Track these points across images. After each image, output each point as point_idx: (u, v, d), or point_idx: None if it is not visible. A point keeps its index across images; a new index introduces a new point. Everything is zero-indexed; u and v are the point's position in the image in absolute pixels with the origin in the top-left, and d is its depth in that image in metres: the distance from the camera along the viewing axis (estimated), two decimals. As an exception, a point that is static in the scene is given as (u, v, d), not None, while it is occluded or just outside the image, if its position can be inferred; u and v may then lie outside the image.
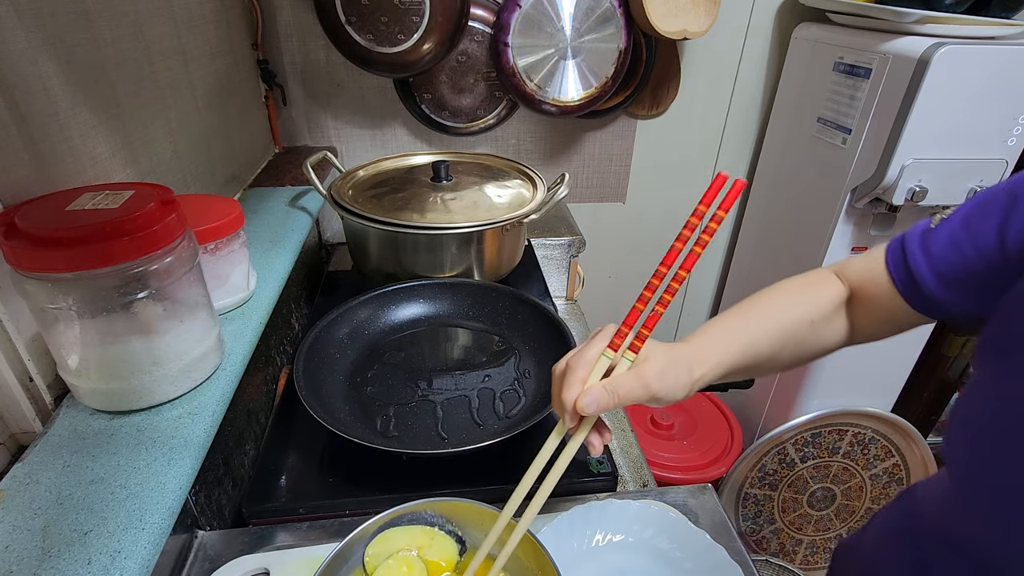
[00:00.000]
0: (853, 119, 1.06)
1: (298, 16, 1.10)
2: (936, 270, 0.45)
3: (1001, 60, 0.92)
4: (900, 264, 0.48)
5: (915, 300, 0.47)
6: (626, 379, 0.42)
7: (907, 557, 0.52)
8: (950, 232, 0.45)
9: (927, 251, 0.46)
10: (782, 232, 1.32)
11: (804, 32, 1.21)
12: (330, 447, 0.63)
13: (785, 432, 1.31)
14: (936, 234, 0.46)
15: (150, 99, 0.69)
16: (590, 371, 0.43)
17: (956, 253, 0.44)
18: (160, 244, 0.46)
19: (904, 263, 0.47)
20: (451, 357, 0.76)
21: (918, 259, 0.46)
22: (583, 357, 0.44)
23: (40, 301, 0.44)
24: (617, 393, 0.42)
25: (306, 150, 1.21)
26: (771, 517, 1.43)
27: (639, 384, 0.42)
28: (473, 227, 0.80)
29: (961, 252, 0.44)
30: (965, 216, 0.45)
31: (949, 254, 0.45)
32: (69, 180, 0.53)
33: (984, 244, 0.42)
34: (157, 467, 0.45)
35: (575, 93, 1.15)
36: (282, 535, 0.53)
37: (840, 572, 0.63)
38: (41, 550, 0.39)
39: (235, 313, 0.65)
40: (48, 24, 0.52)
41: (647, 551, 0.53)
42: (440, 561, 0.46)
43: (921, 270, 0.46)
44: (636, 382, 0.42)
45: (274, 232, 0.83)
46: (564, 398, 0.43)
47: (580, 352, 0.44)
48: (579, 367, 0.43)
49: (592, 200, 1.41)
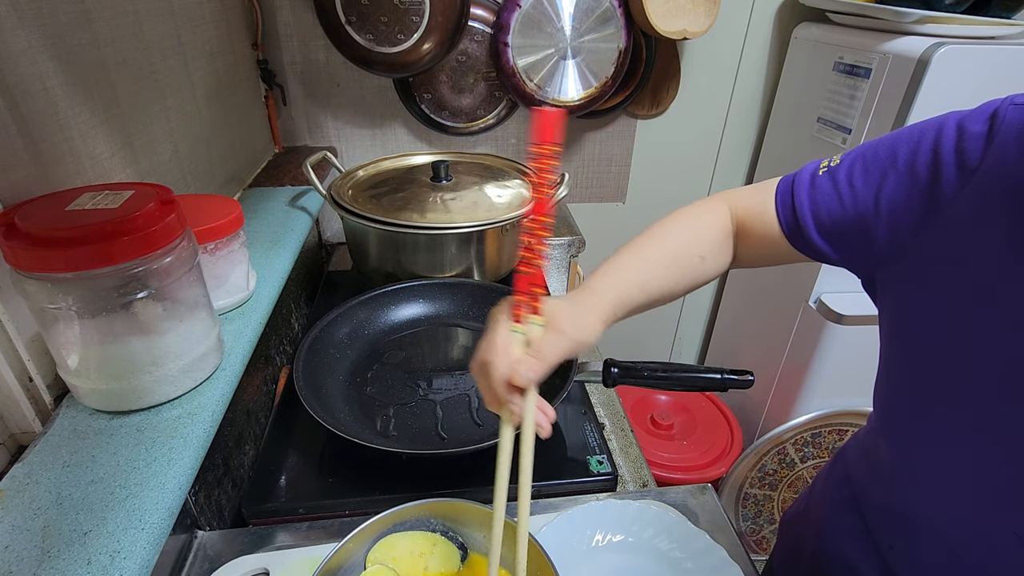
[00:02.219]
0: (853, 119, 1.06)
1: (298, 16, 1.10)
2: (819, 217, 0.46)
3: (1001, 60, 0.92)
4: (788, 207, 0.48)
5: (798, 242, 0.48)
6: (546, 339, 0.42)
7: (852, 525, 0.53)
8: (834, 182, 0.46)
9: (813, 198, 0.47)
10: (782, 232, 1.32)
11: (804, 32, 1.21)
12: (330, 447, 0.63)
13: (785, 432, 1.30)
14: (822, 182, 0.46)
15: (150, 99, 0.69)
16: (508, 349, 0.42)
17: (838, 203, 0.45)
18: (160, 244, 0.46)
19: (792, 207, 0.48)
20: (451, 357, 0.76)
21: (803, 204, 0.47)
22: (494, 341, 0.42)
23: (40, 301, 0.44)
24: (543, 354, 0.42)
25: (306, 150, 1.21)
26: (771, 517, 1.43)
27: (560, 339, 0.42)
28: (473, 227, 0.80)
29: (842, 203, 0.45)
30: (849, 167, 0.45)
31: (832, 203, 0.45)
32: (69, 180, 0.53)
33: (862, 198, 0.43)
34: (157, 467, 0.45)
35: (575, 93, 1.15)
36: (282, 535, 0.53)
37: (789, 544, 0.65)
38: (41, 550, 0.39)
39: (235, 313, 0.65)
40: (48, 24, 0.52)
41: (647, 551, 0.53)
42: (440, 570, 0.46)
43: (805, 215, 0.47)
44: (556, 338, 0.42)
45: (274, 232, 0.83)
46: (495, 383, 0.41)
47: (488, 339, 0.43)
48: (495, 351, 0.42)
49: (592, 200, 1.41)
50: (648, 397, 1.52)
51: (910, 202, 0.41)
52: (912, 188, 0.40)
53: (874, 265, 0.45)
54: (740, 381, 0.61)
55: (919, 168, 0.40)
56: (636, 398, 1.51)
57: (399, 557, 0.46)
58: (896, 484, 0.48)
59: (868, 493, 0.52)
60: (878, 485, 0.51)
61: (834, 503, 0.57)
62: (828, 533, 0.57)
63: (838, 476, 0.58)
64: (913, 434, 0.44)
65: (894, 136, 0.44)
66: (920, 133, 0.41)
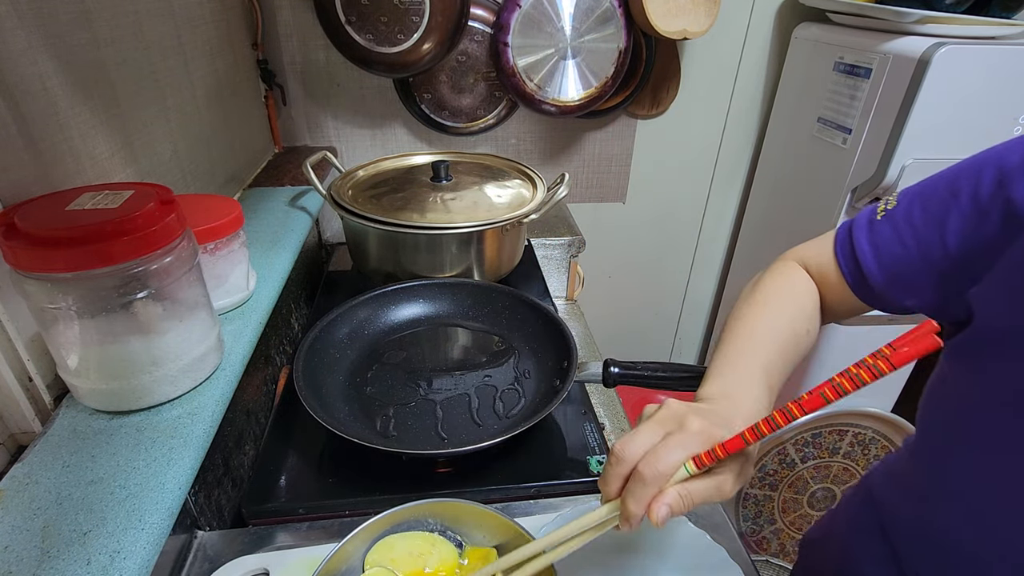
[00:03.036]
0: (853, 119, 1.06)
1: (298, 16, 1.10)
2: (881, 262, 0.44)
3: (1001, 60, 0.92)
4: (849, 258, 0.47)
5: (862, 291, 0.47)
6: (704, 488, 0.37)
7: (877, 550, 0.52)
8: (894, 225, 0.44)
9: (874, 244, 0.45)
10: (782, 232, 1.32)
11: (804, 32, 1.21)
12: (330, 447, 0.63)
13: (785, 432, 1.30)
14: (881, 227, 0.45)
15: (150, 99, 0.69)
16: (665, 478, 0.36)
17: (900, 247, 0.43)
18: (160, 244, 0.46)
19: (853, 258, 0.46)
20: (451, 357, 0.76)
21: (866, 253, 0.45)
22: (657, 469, 0.36)
23: (40, 301, 0.44)
24: (692, 500, 0.36)
25: (306, 150, 1.21)
26: (771, 517, 1.43)
27: (715, 493, 0.37)
28: (473, 227, 0.80)
29: (904, 246, 0.43)
30: (907, 208, 0.44)
31: (894, 248, 0.44)
32: (69, 180, 0.53)
33: (925, 239, 0.42)
34: (156, 467, 0.45)
35: (575, 93, 1.15)
36: (282, 535, 0.53)
37: (809, 566, 0.63)
38: (40, 550, 0.39)
39: (235, 313, 0.65)
40: (48, 24, 0.52)
41: (647, 551, 0.53)
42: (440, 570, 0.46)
43: (869, 265, 0.45)
44: (714, 492, 0.37)
45: (274, 232, 0.83)
46: (630, 505, 0.36)
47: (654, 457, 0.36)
48: (652, 480, 0.36)
49: (592, 200, 1.41)
50: (648, 397, 1.52)
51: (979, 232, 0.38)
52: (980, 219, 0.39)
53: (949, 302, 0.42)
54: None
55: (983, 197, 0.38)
56: (636, 398, 1.51)
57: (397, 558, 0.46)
58: (930, 509, 0.46)
59: (897, 519, 0.50)
60: (909, 511, 0.49)
61: (859, 528, 0.55)
62: (851, 557, 0.55)
63: (864, 500, 0.56)
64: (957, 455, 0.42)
65: (954, 169, 0.42)
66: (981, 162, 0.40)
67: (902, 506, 0.50)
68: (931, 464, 0.46)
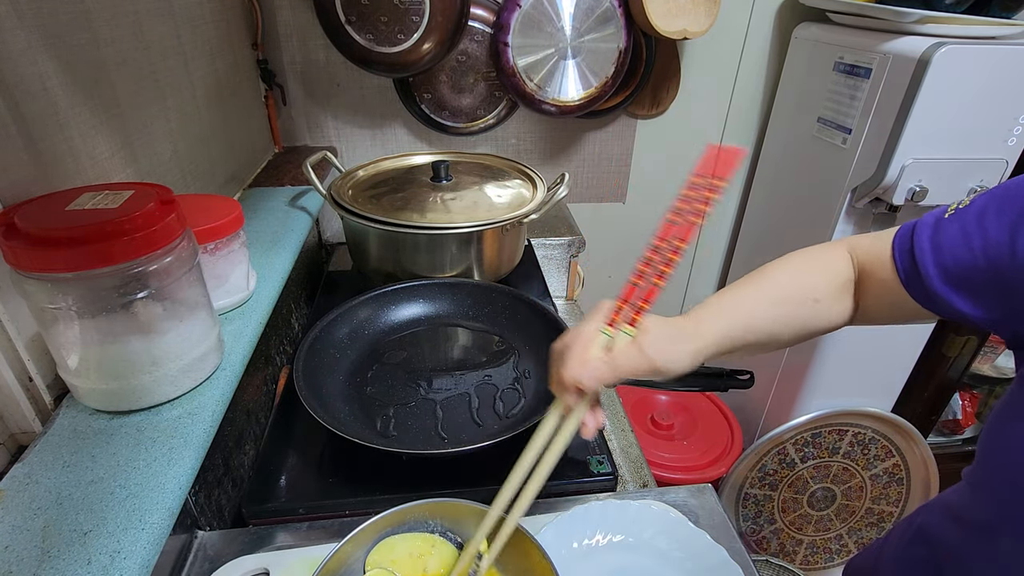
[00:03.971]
0: (853, 119, 1.06)
1: (298, 16, 1.10)
2: (942, 264, 0.42)
3: (1001, 60, 0.92)
4: (906, 253, 0.45)
5: (917, 292, 0.45)
6: (626, 351, 0.41)
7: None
8: (963, 225, 0.42)
9: (936, 243, 0.43)
10: (782, 232, 1.32)
11: (804, 32, 1.21)
12: (330, 447, 0.63)
13: (785, 432, 1.30)
14: (948, 225, 0.43)
15: (150, 99, 0.69)
16: (588, 347, 0.43)
17: (965, 248, 0.41)
18: (160, 244, 0.46)
19: (910, 252, 0.44)
20: (451, 357, 0.76)
21: (925, 250, 0.43)
22: (580, 333, 0.43)
23: (40, 301, 0.44)
24: (616, 365, 0.41)
25: (306, 150, 1.21)
26: (771, 517, 1.43)
27: (639, 356, 0.41)
28: (473, 227, 0.80)
29: (970, 247, 0.41)
30: (980, 210, 0.41)
31: (958, 249, 0.41)
32: (69, 180, 0.53)
33: (995, 241, 0.39)
34: (157, 467, 0.45)
35: (575, 93, 1.15)
36: (282, 535, 0.53)
37: None
38: (41, 550, 0.39)
39: (235, 313, 0.65)
40: (48, 24, 0.52)
41: (647, 551, 0.53)
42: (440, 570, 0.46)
43: (926, 262, 0.43)
44: (636, 354, 0.41)
45: (274, 232, 0.83)
46: (563, 375, 0.42)
47: (577, 329, 0.44)
48: (576, 344, 0.42)
49: (592, 200, 1.41)
50: (648, 397, 1.52)
51: None
52: None
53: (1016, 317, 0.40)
54: (740, 381, 0.61)
55: None
56: (636, 398, 1.51)
57: (398, 559, 0.46)
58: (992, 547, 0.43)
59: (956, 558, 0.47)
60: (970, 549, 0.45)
61: (911, 564, 0.52)
62: None
63: (915, 539, 0.53)
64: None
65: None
66: None
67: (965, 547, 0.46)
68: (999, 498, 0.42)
